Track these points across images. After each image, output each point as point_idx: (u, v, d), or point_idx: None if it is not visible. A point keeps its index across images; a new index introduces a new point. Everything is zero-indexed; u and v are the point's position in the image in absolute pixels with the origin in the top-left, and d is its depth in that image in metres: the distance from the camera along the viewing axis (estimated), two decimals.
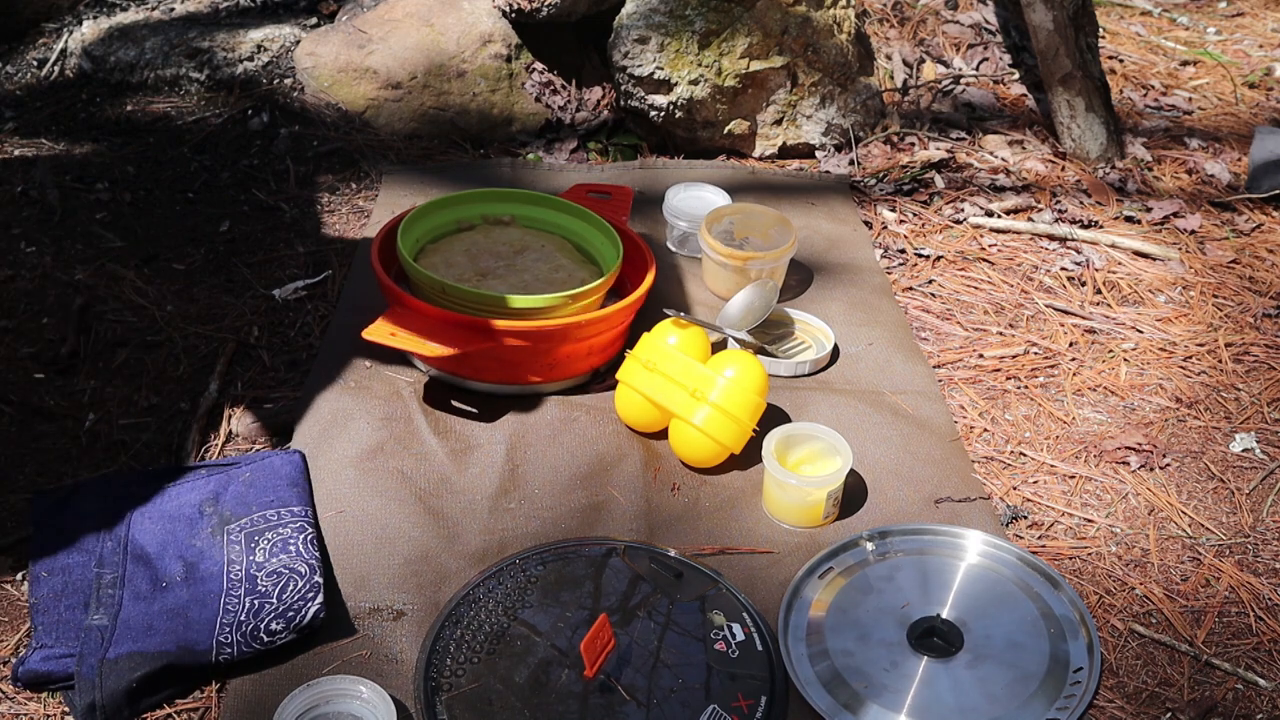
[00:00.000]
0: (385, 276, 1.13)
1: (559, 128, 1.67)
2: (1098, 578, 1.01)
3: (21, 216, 1.40)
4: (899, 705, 0.88)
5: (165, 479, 1.01)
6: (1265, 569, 1.03)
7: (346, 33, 1.65)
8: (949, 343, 1.30)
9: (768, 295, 1.22)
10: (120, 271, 1.30)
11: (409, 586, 0.94)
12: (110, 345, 1.20)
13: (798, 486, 1.01)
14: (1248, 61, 2.09)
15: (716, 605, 0.94)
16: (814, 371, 1.22)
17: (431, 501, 1.02)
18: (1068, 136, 1.69)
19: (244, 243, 1.38)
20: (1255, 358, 1.30)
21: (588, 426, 1.11)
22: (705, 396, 1.05)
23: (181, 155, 1.53)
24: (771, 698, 0.87)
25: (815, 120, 1.66)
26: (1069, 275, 1.44)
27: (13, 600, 0.94)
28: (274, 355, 1.20)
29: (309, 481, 1.02)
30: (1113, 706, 0.90)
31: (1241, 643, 0.96)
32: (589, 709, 0.85)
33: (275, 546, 0.94)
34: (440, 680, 0.86)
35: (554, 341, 1.11)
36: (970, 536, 1.02)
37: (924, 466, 1.10)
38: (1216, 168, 1.69)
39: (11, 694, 0.86)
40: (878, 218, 1.53)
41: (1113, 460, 1.14)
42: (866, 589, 0.97)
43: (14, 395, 1.13)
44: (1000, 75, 1.89)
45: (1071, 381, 1.25)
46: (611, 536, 1.00)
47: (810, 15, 1.62)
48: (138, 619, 0.88)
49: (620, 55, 1.59)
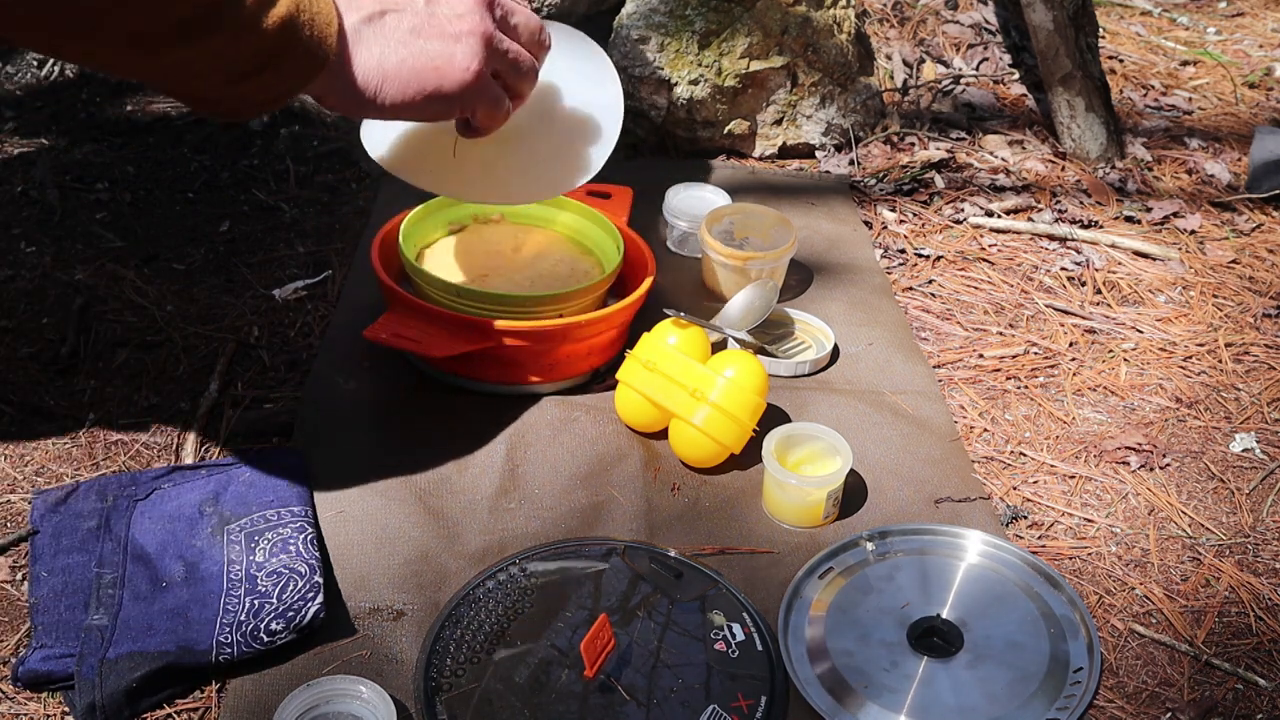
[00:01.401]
0: (385, 276, 1.13)
1: None
2: (1098, 578, 1.02)
3: (21, 216, 1.40)
4: (899, 705, 0.88)
5: (165, 479, 1.01)
6: (1265, 569, 1.03)
7: None
8: (949, 343, 1.30)
9: (768, 295, 1.22)
10: (120, 271, 1.30)
11: (409, 586, 0.94)
12: (110, 345, 1.20)
13: (798, 486, 1.01)
14: (1248, 61, 2.09)
15: (716, 605, 0.94)
16: (814, 371, 1.22)
17: (431, 501, 1.02)
18: (1068, 136, 1.69)
19: (244, 243, 1.38)
20: (1255, 358, 1.31)
21: (588, 426, 1.11)
22: (705, 396, 1.05)
23: (181, 155, 1.53)
24: (771, 698, 0.87)
25: (815, 120, 1.66)
26: (1069, 275, 1.44)
27: (13, 600, 0.94)
28: (274, 355, 1.20)
29: (309, 481, 1.02)
30: (1113, 706, 0.90)
31: (1241, 643, 0.96)
32: (589, 709, 0.85)
33: (275, 546, 0.94)
34: (440, 680, 0.86)
35: (554, 341, 1.11)
36: (970, 536, 1.02)
37: (924, 466, 1.10)
38: (1216, 168, 1.69)
39: (11, 694, 0.86)
40: (878, 218, 1.53)
41: (1113, 460, 1.14)
42: (866, 589, 0.97)
43: (14, 395, 1.13)
44: (1000, 75, 1.89)
45: (1071, 381, 1.25)
46: (611, 536, 1.00)
47: (810, 15, 1.62)
48: (138, 619, 0.88)
49: (620, 55, 1.59)
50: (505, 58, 0.92)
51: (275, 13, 0.77)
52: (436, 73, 0.87)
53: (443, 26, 0.87)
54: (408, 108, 0.87)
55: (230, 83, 0.79)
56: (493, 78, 0.91)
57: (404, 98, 0.87)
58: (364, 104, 0.86)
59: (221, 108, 0.83)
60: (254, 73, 0.79)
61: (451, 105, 0.90)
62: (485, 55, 0.89)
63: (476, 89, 0.89)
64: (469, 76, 0.88)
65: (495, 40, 0.90)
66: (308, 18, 0.79)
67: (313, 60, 0.81)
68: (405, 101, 0.87)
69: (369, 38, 0.85)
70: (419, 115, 0.90)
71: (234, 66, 0.78)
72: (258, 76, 0.79)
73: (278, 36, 0.78)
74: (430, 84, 0.87)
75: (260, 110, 0.84)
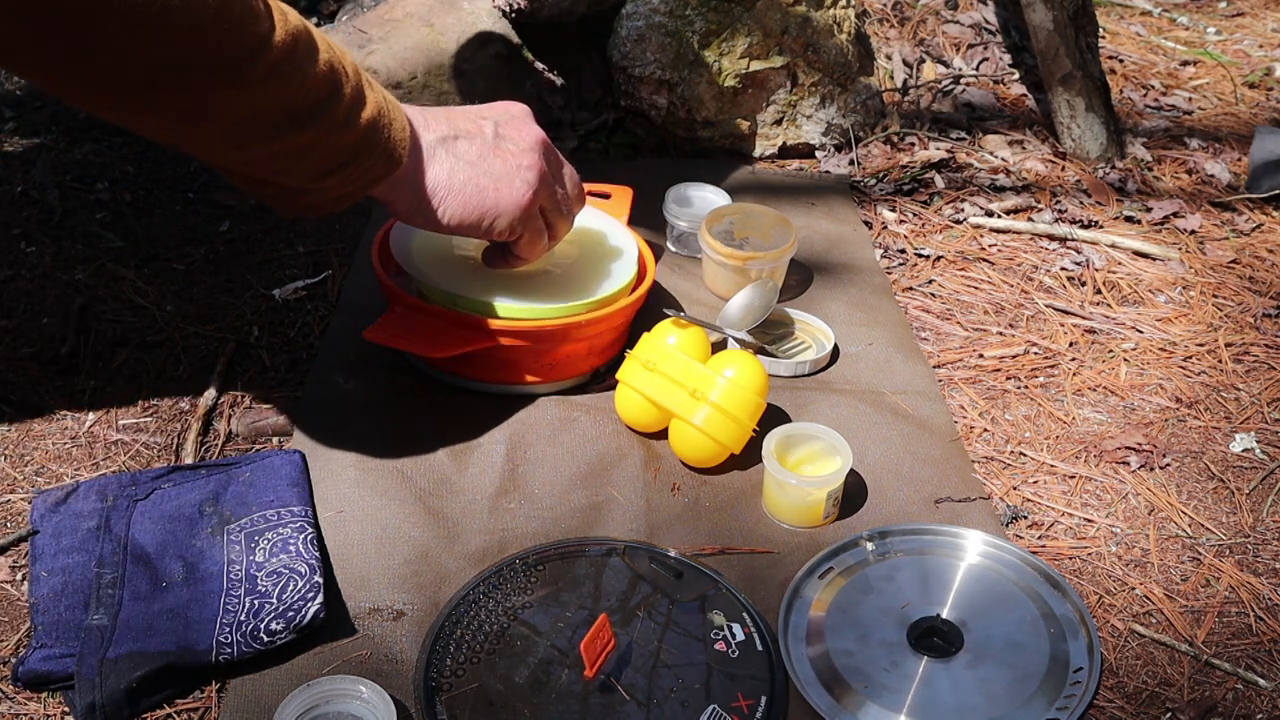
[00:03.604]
0: (385, 277, 1.13)
1: (559, 128, 1.67)
2: (1098, 578, 1.02)
3: (21, 216, 1.40)
4: (899, 705, 0.88)
5: (165, 479, 1.01)
6: (1265, 569, 1.03)
7: (346, 33, 1.65)
8: (949, 343, 1.30)
9: (768, 295, 1.22)
10: (120, 271, 1.30)
11: (409, 586, 0.94)
12: (110, 345, 1.20)
13: (798, 486, 1.01)
14: (1248, 61, 2.09)
15: (716, 605, 0.94)
16: (814, 371, 1.22)
17: (431, 501, 1.02)
18: (1068, 136, 1.69)
19: (244, 243, 1.38)
20: (1255, 358, 1.31)
21: (588, 426, 1.11)
22: (705, 396, 1.05)
23: (181, 155, 1.53)
24: (771, 698, 0.87)
25: (815, 120, 1.66)
26: (1069, 275, 1.44)
27: (13, 600, 0.94)
28: (274, 355, 1.20)
29: (309, 481, 1.02)
30: (1113, 706, 0.90)
31: (1241, 643, 0.96)
32: (589, 709, 0.85)
33: (275, 546, 0.94)
34: (440, 680, 0.86)
35: (554, 342, 1.11)
36: (970, 536, 1.02)
37: (924, 466, 1.10)
38: (1216, 168, 1.69)
39: (11, 694, 0.86)
40: (878, 218, 1.53)
41: (1113, 460, 1.14)
42: (866, 589, 0.97)
43: (14, 395, 1.13)
44: (1000, 75, 1.89)
45: (1071, 381, 1.25)
46: (611, 536, 1.00)
47: (810, 15, 1.62)
48: (138, 619, 0.88)
49: (620, 55, 1.59)
50: (553, 196, 1.04)
51: (364, 114, 0.87)
52: (496, 194, 0.98)
53: (507, 157, 0.99)
54: (465, 222, 0.98)
55: (320, 176, 0.89)
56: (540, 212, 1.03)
57: (464, 212, 0.97)
58: (428, 213, 0.97)
59: (301, 200, 0.91)
60: (338, 169, 0.89)
61: (503, 225, 1.00)
62: (539, 189, 1.01)
63: (526, 216, 1.01)
64: (524, 201, 1.00)
65: (548, 179, 1.02)
66: (387, 121, 0.90)
67: (389, 161, 0.91)
68: (464, 215, 0.98)
69: (441, 155, 0.96)
70: (473, 231, 1.00)
71: (324, 162, 0.88)
72: (341, 172, 0.89)
73: (364, 134, 0.87)
74: (489, 203, 0.98)
75: (335, 206, 0.92)
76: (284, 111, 0.83)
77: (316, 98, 0.84)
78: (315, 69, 0.83)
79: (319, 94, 0.84)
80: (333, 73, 0.85)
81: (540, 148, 1.02)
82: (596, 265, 1.18)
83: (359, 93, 0.87)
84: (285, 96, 0.82)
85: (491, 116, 1.01)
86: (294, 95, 0.82)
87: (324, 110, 0.85)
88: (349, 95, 0.86)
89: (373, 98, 0.89)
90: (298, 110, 0.83)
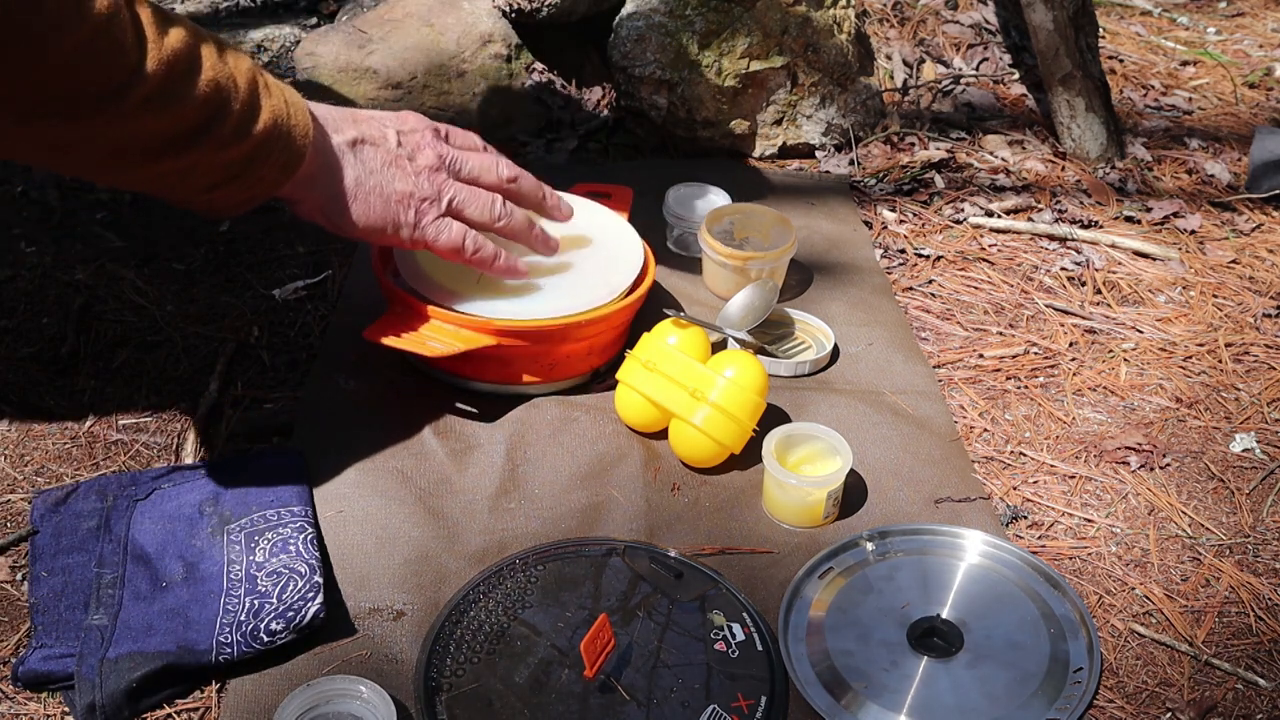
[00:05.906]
0: (385, 277, 1.13)
1: (559, 128, 1.67)
2: (1098, 578, 1.02)
3: (21, 216, 1.40)
4: (899, 705, 0.88)
5: (165, 479, 1.01)
6: (1265, 569, 1.03)
7: (346, 33, 1.65)
8: (949, 343, 1.30)
9: (768, 295, 1.22)
10: (120, 271, 1.30)
11: (409, 586, 0.94)
12: (110, 345, 1.20)
13: (798, 486, 1.01)
14: (1248, 61, 2.09)
15: (716, 605, 0.94)
16: (814, 371, 1.22)
17: (431, 501, 1.02)
18: (1068, 136, 1.69)
19: (244, 243, 1.38)
20: (1255, 358, 1.31)
21: (588, 426, 1.11)
22: (705, 396, 1.05)
23: None
24: (771, 698, 0.87)
25: (815, 120, 1.66)
26: (1069, 275, 1.44)
27: (13, 600, 0.94)
28: (274, 355, 1.20)
29: (309, 481, 1.02)
30: (1113, 706, 0.90)
31: (1241, 643, 0.96)
32: (589, 709, 0.85)
33: (275, 546, 0.94)
34: (440, 680, 0.86)
35: (554, 342, 1.11)
36: (970, 536, 1.02)
37: (924, 466, 1.10)
38: (1216, 168, 1.69)
39: (11, 694, 0.86)
40: (878, 218, 1.53)
41: (1113, 460, 1.14)
42: (866, 589, 0.97)
43: (14, 395, 1.13)
44: (1000, 75, 1.89)
45: (1071, 381, 1.25)
46: (611, 536, 1.00)
47: (810, 15, 1.62)
48: (138, 619, 0.88)
49: (620, 55, 1.59)
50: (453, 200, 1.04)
51: (258, 126, 0.88)
52: (398, 205, 1.00)
53: (406, 169, 1.01)
54: (370, 228, 1.00)
55: (207, 190, 0.89)
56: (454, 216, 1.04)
57: (369, 218, 0.99)
58: (335, 216, 0.99)
59: (195, 208, 0.92)
60: (226, 182, 0.89)
61: (405, 236, 1.02)
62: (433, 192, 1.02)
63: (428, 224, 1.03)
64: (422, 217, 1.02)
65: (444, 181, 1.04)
66: (285, 129, 0.90)
67: (284, 170, 0.92)
68: (369, 221, 1.00)
69: (350, 159, 0.98)
70: (378, 237, 1.02)
71: (210, 178, 0.88)
72: (230, 185, 0.90)
73: (257, 146, 0.89)
74: (392, 212, 1.00)
75: (235, 211, 0.93)
76: (161, 139, 0.82)
77: (196, 122, 0.83)
78: (194, 93, 0.82)
79: (199, 118, 0.83)
80: (217, 91, 0.84)
81: (435, 155, 1.03)
82: (597, 265, 1.18)
83: (251, 105, 0.87)
84: (160, 125, 0.82)
85: (394, 125, 1.02)
86: (170, 123, 0.82)
87: (206, 132, 0.84)
88: (238, 111, 0.86)
89: (269, 105, 0.88)
90: (176, 136, 0.83)
